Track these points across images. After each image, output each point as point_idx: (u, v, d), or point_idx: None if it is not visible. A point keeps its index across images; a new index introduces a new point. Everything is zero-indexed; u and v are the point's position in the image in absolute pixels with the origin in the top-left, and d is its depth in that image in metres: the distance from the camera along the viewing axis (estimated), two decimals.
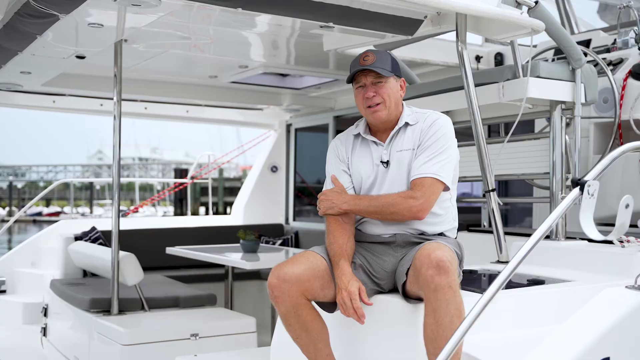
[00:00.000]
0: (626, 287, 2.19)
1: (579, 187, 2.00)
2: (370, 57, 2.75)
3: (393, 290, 2.72)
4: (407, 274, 2.56)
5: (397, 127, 2.82)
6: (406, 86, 2.91)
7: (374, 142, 2.86)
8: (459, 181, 2.92)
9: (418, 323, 2.44)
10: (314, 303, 2.71)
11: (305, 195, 7.73)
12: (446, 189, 2.72)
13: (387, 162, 2.81)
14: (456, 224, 2.87)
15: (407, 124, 2.82)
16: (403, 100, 2.89)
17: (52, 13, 3.01)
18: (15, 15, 3.20)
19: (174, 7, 3.18)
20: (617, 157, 2.06)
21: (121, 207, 4.65)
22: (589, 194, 2.00)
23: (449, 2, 2.97)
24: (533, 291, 2.84)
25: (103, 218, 8.50)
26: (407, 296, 2.59)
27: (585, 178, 1.99)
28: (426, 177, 2.66)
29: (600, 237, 2.15)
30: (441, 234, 2.79)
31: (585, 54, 3.98)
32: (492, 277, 3.10)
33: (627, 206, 2.12)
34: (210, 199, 9.94)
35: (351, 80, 2.83)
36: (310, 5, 2.96)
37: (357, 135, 2.91)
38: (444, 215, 2.79)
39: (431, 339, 2.37)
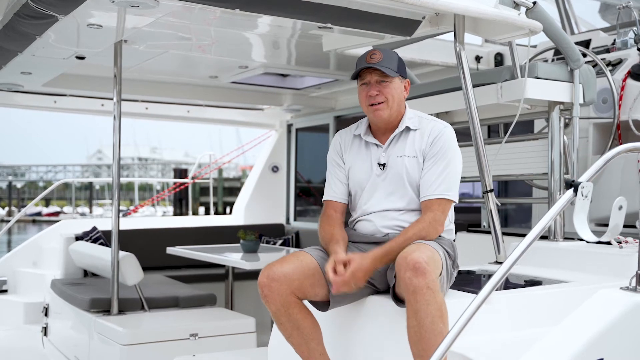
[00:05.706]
0: (620, 288, 2.20)
1: (572, 188, 2.01)
2: (377, 55, 2.75)
3: (388, 290, 2.72)
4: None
5: (397, 131, 2.82)
6: None
7: (374, 144, 2.86)
8: None
9: None
10: (307, 303, 2.72)
11: (308, 195, 7.73)
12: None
13: (384, 165, 2.81)
14: (452, 227, 2.87)
15: (408, 129, 2.82)
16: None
17: (50, 14, 3.02)
18: (15, 16, 3.21)
19: (172, 8, 3.18)
20: (610, 158, 2.06)
21: (121, 207, 4.66)
22: (582, 195, 2.01)
23: (446, 3, 2.97)
24: (530, 292, 2.85)
25: (103, 218, 8.51)
26: (397, 298, 2.58)
27: (579, 179, 2.00)
28: (439, 198, 2.70)
29: (594, 239, 2.15)
30: None
31: (585, 55, 3.98)
32: (489, 277, 3.11)
33: (620, 208, 2.12)
34: (212, 199, 9.96)
35: (356, 76, 2.82)
36: (308, 6, 2.96)
37: (358, 135, 2.92)
38: None
39: (415, 342, 2.37)
